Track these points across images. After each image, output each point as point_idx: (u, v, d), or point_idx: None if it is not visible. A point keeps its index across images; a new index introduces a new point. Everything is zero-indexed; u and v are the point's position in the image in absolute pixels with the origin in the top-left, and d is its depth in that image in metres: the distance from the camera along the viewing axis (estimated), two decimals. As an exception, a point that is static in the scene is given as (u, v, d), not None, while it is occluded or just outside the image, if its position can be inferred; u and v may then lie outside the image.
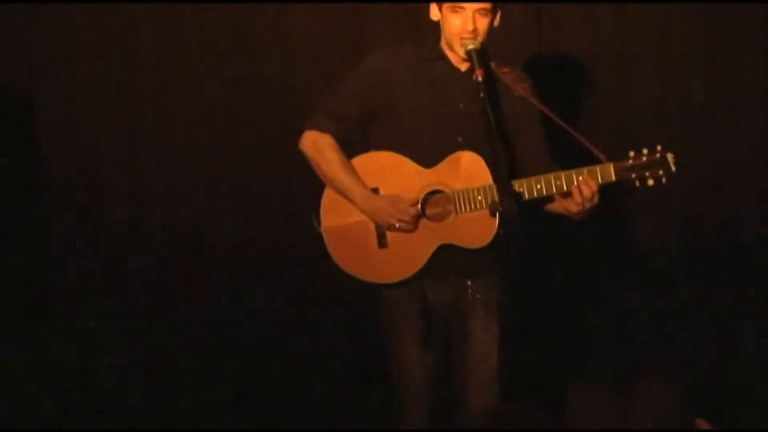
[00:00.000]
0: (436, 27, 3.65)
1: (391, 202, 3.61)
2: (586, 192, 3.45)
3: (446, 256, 3.62)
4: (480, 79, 3.44)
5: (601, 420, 4.50)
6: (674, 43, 4.74)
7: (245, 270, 4.76)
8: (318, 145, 3.69)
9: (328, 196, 3.72)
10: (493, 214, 3.49)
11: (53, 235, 4.76)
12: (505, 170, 3.44)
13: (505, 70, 3.64)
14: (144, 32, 4.70)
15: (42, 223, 4.75)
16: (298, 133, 3.74)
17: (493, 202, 3.49)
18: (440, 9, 3.59)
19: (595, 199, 3.46)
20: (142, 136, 4.76)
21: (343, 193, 3.67)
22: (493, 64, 3.62)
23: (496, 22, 3.59)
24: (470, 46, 3.52)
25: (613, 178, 3.46)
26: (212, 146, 4.74)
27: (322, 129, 3.70)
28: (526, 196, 3.51)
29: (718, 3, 4.68)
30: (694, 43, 4.74)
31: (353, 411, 4.67)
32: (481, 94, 3.44)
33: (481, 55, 3.52)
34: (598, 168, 3.46)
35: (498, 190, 3.47)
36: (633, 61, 4.74)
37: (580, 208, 3.47)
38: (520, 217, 3.43)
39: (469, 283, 3.69)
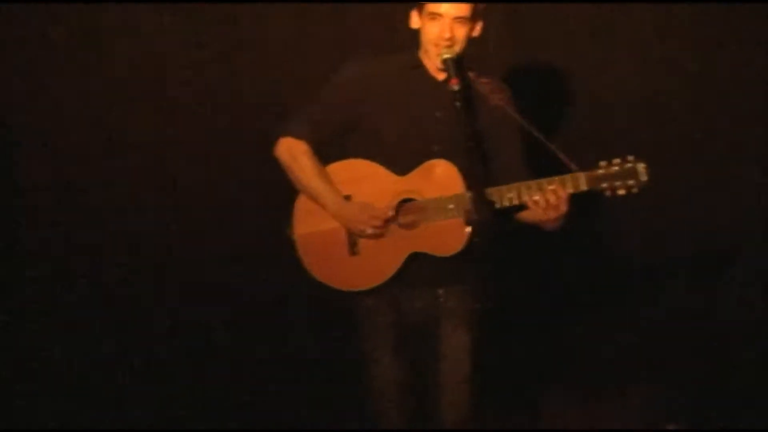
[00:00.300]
0: (416, 35, 3.65)
1: (363, 209, 3.62)
2: (553, 200, 3.45)
3: (418, 265, 3.62)
4: (456, 88, 3.46)
5: (575, 423, 4.56)
6: (651, 48, 4.78)
7: (217, 273, 4.75)
8: (292, 152, 3.70)
9: (300, 204, 3.72)
10: (467, 223, 3.50)
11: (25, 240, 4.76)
12: (480, 179, 3.45)
13: (484, 80, 3.65)
14: (119, 35, 4.70)
15: (14, 228, 4.75)
16: (273, 139, 3.75)
17: (467, 210, 3.50)
18: (420, 17, 3.61)
19: (563, 208, 3.46)
20: (116, 142, 4.75)
21: (315, 200, 3.68)
22: (472, 74, 3.63)
23: (476, 32, 3.60)
24: (446, 55, 3.52)
25: (584, 187, 3.47)
26: (186, 150, 4.75)
27: (297, 136, 3.70)
28: (499, 205, 3.51)
29: (694, 3, 4.72)
30: (671, 47, 4.77)
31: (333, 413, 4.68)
32: (457, 104, 3.45)
33: (457, 64, 3.53)
34: (568, 177, 3.46)
35: (472, 199, 3.47)
36: (609, 67, 4.78)
37: (547, 215, 3.47)
38: (494, 226, 3.44)
39: (441, 291, 3.69)
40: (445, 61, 3.53)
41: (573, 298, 4.75)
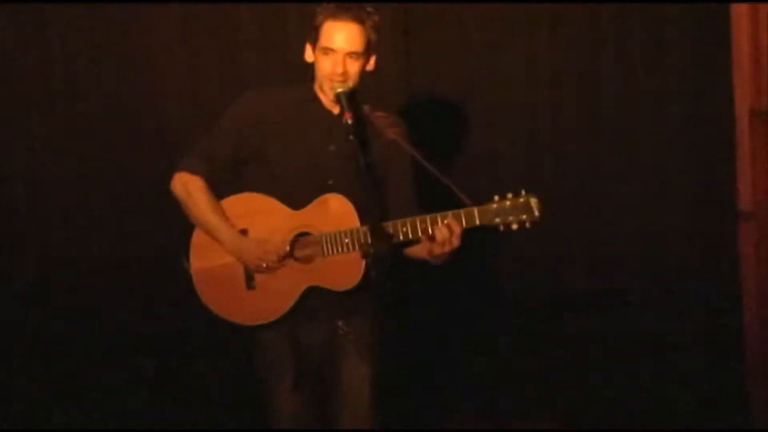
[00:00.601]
0: (311, 68, 3.65)
1: (258, 244, 3.61)
2: (446, 235, 3.47)
3: (316, 298, 3.63)
4: (349, 121, 3.47)
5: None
6: (552, 79, 4.86)
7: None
8: (188, 187, 3.69)
9: (197, 238, 3.71)
10: (363, 257, 3.51)
11: None
12: (376, 213, 3.47)
13: (379, 113, 3.65)
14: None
15: None
16: (170, 174, 3.74)
17: (363, 244, 3.51)
18: (314, 51, 3.61)
19: (456, 242, 3.48)
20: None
21: (211, 235, 3.67)
22: (366, 108, 3.62)
23: (369, 66, 3.62)
24: (339, 89, 3.54)
25: (477, 222, 3.49)
26: (85, 183, 4.76)
27: (192, 170, 3.69)
28: (394, 239, 3.52)
29: (585, 28, 4.82)
30: (572, 79, 4.86)
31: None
32: (350, 137, 3.46)
33: (350, 98, 3.54)
34: (462, 212, 3.48)
35: (368, 233, 3.48)
36: (507, 101, 4.85)
37: (440, 250, 3.49)
38: (390, 259, 3.45)
39: (339, 323, 3.69)
40: (337, 96, 3.55)
41: (472, 329, 4.80)
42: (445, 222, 3.48)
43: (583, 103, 4.85)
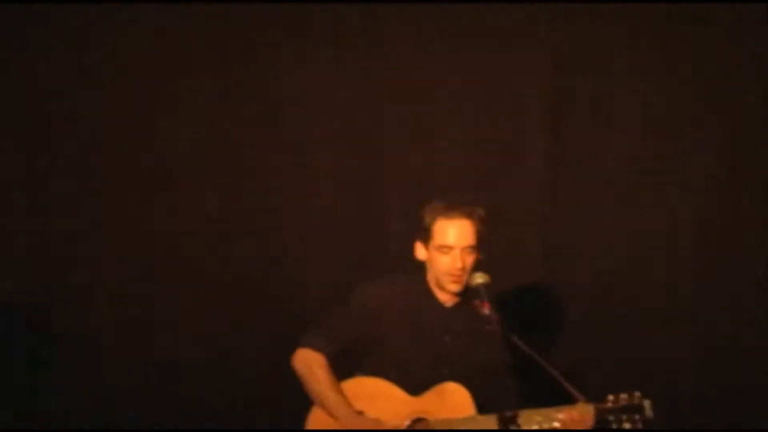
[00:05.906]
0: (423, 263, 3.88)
1: (375, 424, 3.72)
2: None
3: None
4: (486, 312, 3.65)
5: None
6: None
7: None
8: (309, 363, 3.80)
9: (314, 416, 3.79)
10: None
11: None
12: (510, 401, 3.61)
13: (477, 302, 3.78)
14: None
15: None
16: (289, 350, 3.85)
17: None
18: (426, 248, 3.84)
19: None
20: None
21: (329, 412, 3.76)
22: (476, 301, 3.77)
23: (480, 257, 3.83)
24: (479, 280, 3.75)
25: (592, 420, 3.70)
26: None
27: (315, 347, 3.82)
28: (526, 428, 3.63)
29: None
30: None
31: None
32: (489, 326, 3.64)
33: (488, 289, 3.73)
34: (579, 407, 3.67)
35: (500, 421, 3.56)
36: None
37: None
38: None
39: None
40: (477, 287, 3.74)
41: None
42: (561, 416, 3.67)
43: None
